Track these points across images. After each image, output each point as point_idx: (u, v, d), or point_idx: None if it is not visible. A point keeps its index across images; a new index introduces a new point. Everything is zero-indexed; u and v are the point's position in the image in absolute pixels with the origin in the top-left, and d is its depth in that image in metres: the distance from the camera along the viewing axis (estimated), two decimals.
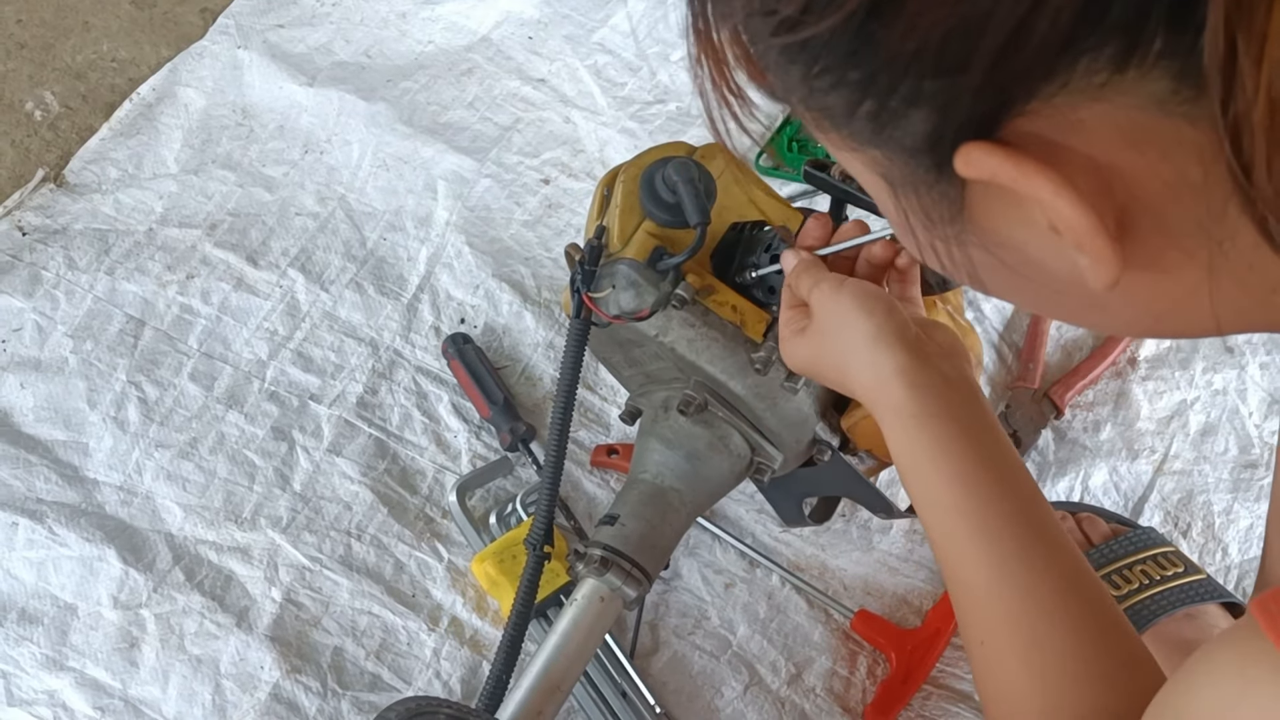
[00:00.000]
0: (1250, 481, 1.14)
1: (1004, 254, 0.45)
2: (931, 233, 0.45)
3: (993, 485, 0.70)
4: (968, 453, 0.70)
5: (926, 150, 0.40)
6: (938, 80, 0.37)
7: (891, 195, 0.45)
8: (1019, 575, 0.67)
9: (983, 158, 0.38)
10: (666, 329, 0.91)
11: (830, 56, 0.39)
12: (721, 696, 1.04)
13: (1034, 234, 0.42)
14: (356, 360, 1.22)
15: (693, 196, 0.88)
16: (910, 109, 0.39)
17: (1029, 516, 0.69)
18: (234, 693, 1.02)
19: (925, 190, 0.43)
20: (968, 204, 0.43)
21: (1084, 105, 0.36)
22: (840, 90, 0.40)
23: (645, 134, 1.40)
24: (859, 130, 0.42)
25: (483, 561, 1.06)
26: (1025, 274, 0.45)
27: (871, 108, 0.40)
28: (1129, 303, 0.45)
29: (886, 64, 0.38)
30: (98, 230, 1.31)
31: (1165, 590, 1.00)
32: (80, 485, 1.13)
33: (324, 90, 1.43)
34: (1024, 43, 0.35)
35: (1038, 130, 0.38)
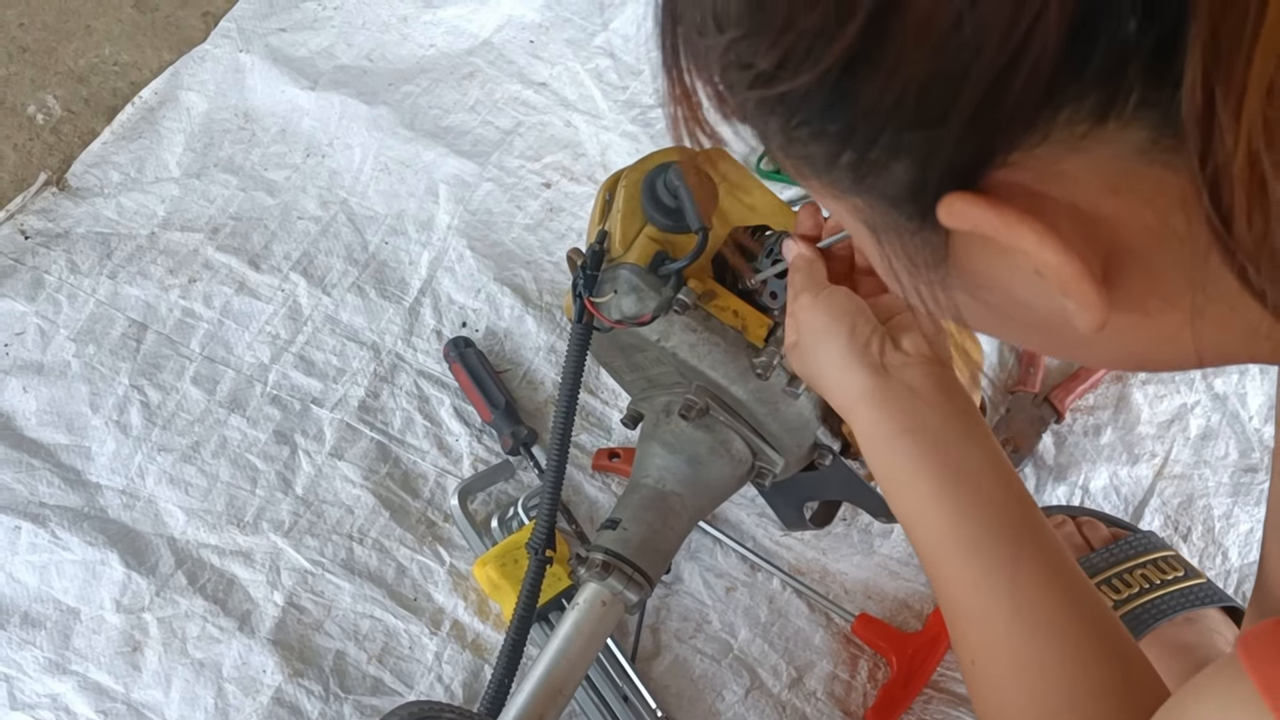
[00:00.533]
0: (1250, 486, 1.14)
1: (989, 296, 0.45)
2: (915, 277, 0.45)
3: (972, 499, 0.69)
4: (942, 468, 0.70)
5: (908, 199, 0.40)
6: (917, 132, 0.37)
7: (875, 241, 0.45)
8: (1006, 592, 0.66)
9: (965, 209, 0.38)
10: (668, 334, 0.91)
11: (808, 109, 0.39)
12: (723, 700, 1.04)
13: (1019, 278, 0.42)
14: (358, 364, 1.22)
15: (694, 201, 0.89)
16: (891, 160, 0.39)
17: (1013, 529, 0.68)
18: (236, 696, 1.02)
19: (908, 237, 0.43)
20: (952, 249, 0.42)
21: (1066, 156, 0.36)
22: (819, 141, 0.40)
23: (647, 138, 1.40)
24: (840, 179, 0.42)
25: (484, 565, 1.06)
26: (1010, 314, 0.46)
27: (851, 159, 0.40)
28: (1115, 343, 0.45)
29: (865, 117, 0.38)
30: (100, 234, 1.31)
31: (1165, 594, 1.00)
32: (83, 489, 1.13)
33: (326, 94, 1.43)
34: (1003, 95, 0.35)
35: (1020, 180, 0.38)
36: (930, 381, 0.73)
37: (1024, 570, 0.67)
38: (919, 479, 0.70)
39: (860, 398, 0.73)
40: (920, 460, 0.70)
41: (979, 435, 0.72)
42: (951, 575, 0.69)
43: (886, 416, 0.72)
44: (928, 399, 0.72)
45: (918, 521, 0.71)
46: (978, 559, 0.68)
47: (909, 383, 0.73)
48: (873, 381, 0.73)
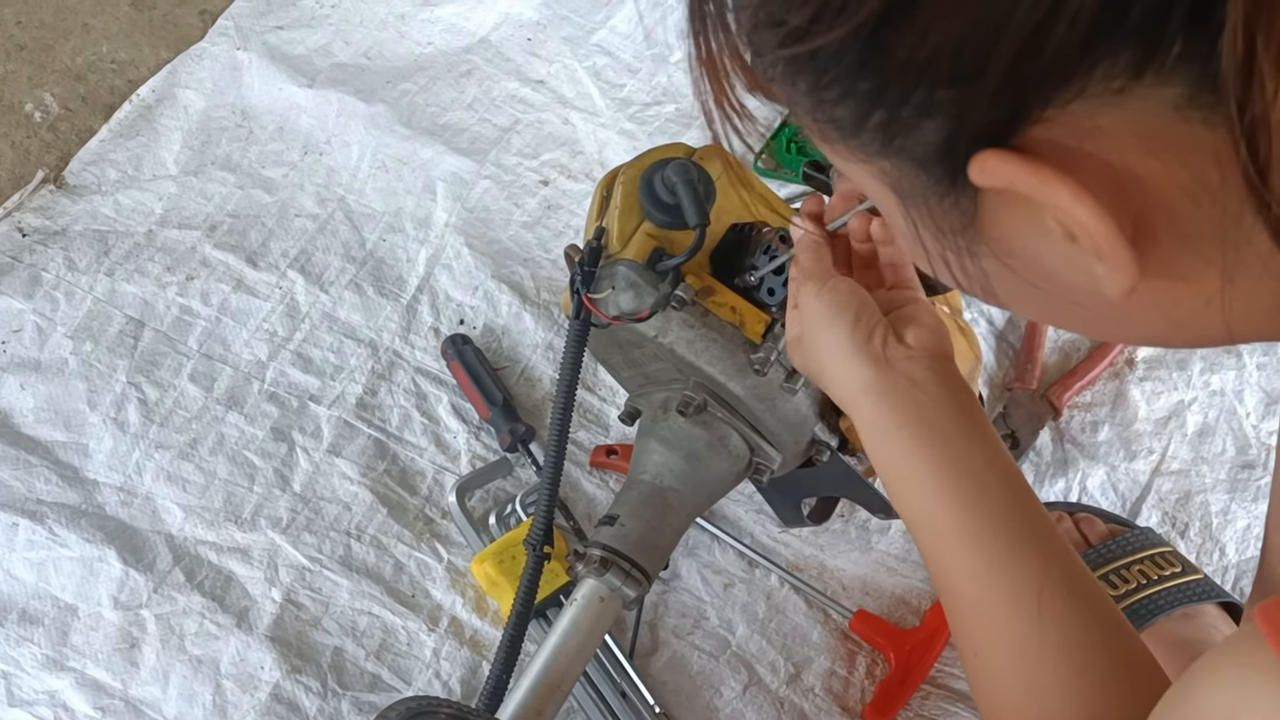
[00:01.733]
0: (1248, 482, 1.14)
1: (1017, 264, 0.44)
2: (942, 244, 0.44)
3: (974, 492, 0.69)
4: (945, 461, 0.70)
5: (939, 160, 0.40)
6: (952, 89, 0.37)
7: (900, 207, 0.44)
8: (1006, 584, 0.66)
9: (999, 166, 0.38)
10: (665, 330, 0.91)
11: (839, 67, 0.39)
12: (720, 696, 1.04)
13: (1049, 243, 0.41)
14: (356, 361, 1.22)
15: (692, 198, 0.89)
16: (922, 119, 0.38)
17: (1015, 521, 0.68)
18: (234, 693, 1.02)
19: (936, 201, 0.42)
20: (980, 214, 0.42)
21: (1101, 111, 0.36)
22: (849, 101, 0.40)
23: (644, 135, 1.40)
24: (868, 142, 0.41)
25: (482, 562, 1.06)
26: (1039, 284, 0.45)
27: (882, 118, 0.40)
28: (1145, 312, 0.44)
29: (898, 73, 0.37)
30: (97, 231, 1.31)
31: (1162, 590, 1.00)
32: (80, 486, 1.13)
33: (323, 92, 1.43)
34: (1040, 49, 0.34)
35: (1054, 137, 0.37)
36: (933, 375, 0.73)
37: (1025, 563, 0.66)
38: (921, 472, 0.70)
39: (862, 390, 0.73)
40: (922, 454, 0.70)
41: (981, 429, 0.72)
42: (953, 568, 0.69)
43: (889, 409, 0.72)
44: (930, 392, 0.72)
45: (919, 515, 0.71)
46: (980, 551, 0.67)
47: (911, 376, 0.72)
48: (875, 374, 0.73)
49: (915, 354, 0.74)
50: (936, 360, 0.74)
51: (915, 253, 0.47)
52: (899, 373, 0.72)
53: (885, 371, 0.73)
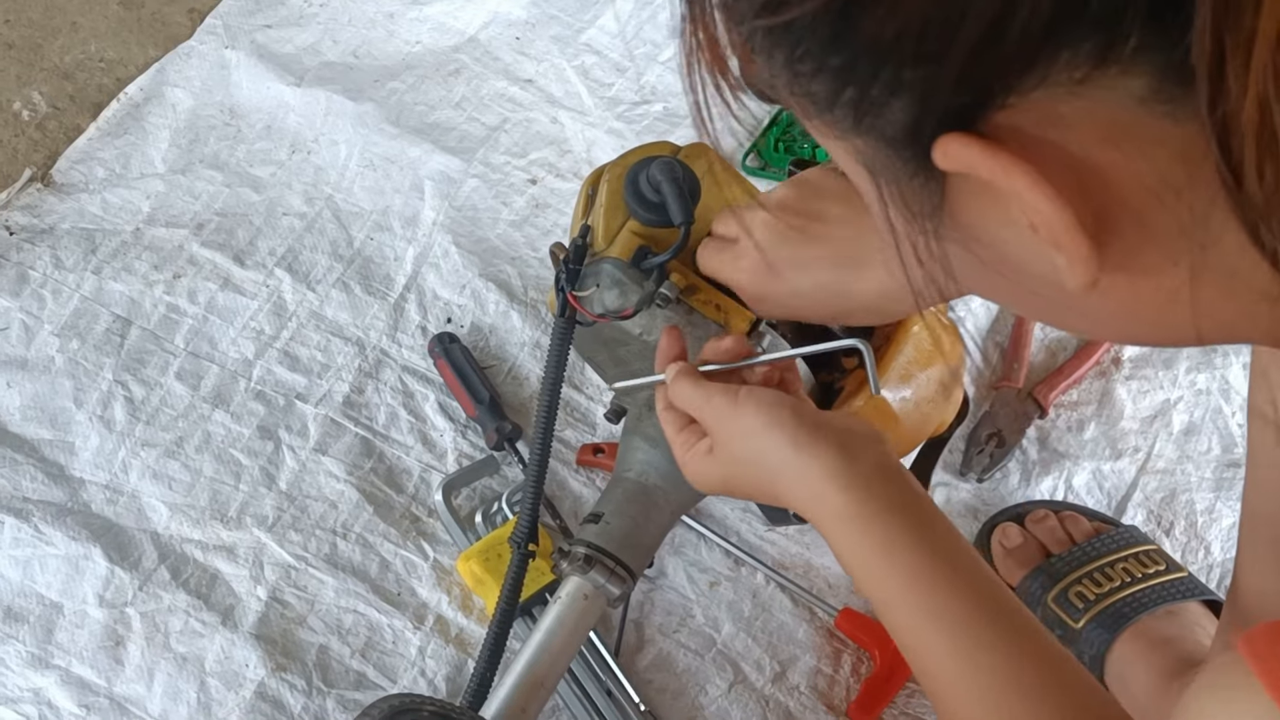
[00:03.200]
0: (1233, 481, 1.15)
1: (982, 251, 0.44)
2: (911, 225, 0.44)
3: (947, 573, 0.68)
4: (918, 545, 0.69)
5: (907, 141, 0.40)
6: (917, 69, 0.37)
7: (873, 185, 0.44)
8: (988, 659, 0.65)
9: (960, 150, 0.38)
10: (651, 328, 0.91)
11: (812, 41, 0.39)
12: (706, 694, 1.04)
13: (1013, 232, 0.41)
14: (343, 359, 1.22)
15: (677, 196, 0.89)
16: (891, 98, 0.39)
17: (987, 597, 0.68)
18: (219, 691, 1.02)
19: (906, 181, 0.42)
20: (948, 198, 0.42)
21: (1064, 100, 0.36)
22: (822, 77, 0.40)
23: (632, 134, 1.40)
24: (841, 118, 0.41)
25: (468, 560, 1.06)
26: (1002, 273, 0.45)
27: (853, 95, 0.40)
28: (1107, 306, 0.44)
29: (867, 50, 0.37)
30: (85, 230, 1.31)
31: (1146, 588, 1.00)
32: (66, 484, 1.13)
33: (311, 90, 1.43)
34: (1003, 34, 0.34)
35: (1017, 124, 0.37)
36: (890, 460, 0.72)
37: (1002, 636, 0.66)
38: (894, 557, 0.69)
39: (825, 479, 0.71)
40: (895, 538, 0.69)
41: (935, 511, 0.72)
42: (932, 648, 0.68)
43: (856, 497, 0.70)
44: (893, 476, 0.71)
45: (895, 600, 0.69)
46: (959, 630, 0.67)
47: (876, 462, 0.71)
48: (836, 460, 0.71)
49: (866, 440, 0.73)
50: (884, 444, 0.74)
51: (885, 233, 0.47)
52: (860, 459, 0.71)
53: (848, 459, 0.71)
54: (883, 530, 0.69)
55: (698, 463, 0.80)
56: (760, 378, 0.82)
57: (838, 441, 0.72)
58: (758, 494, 0.78)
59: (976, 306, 1.25)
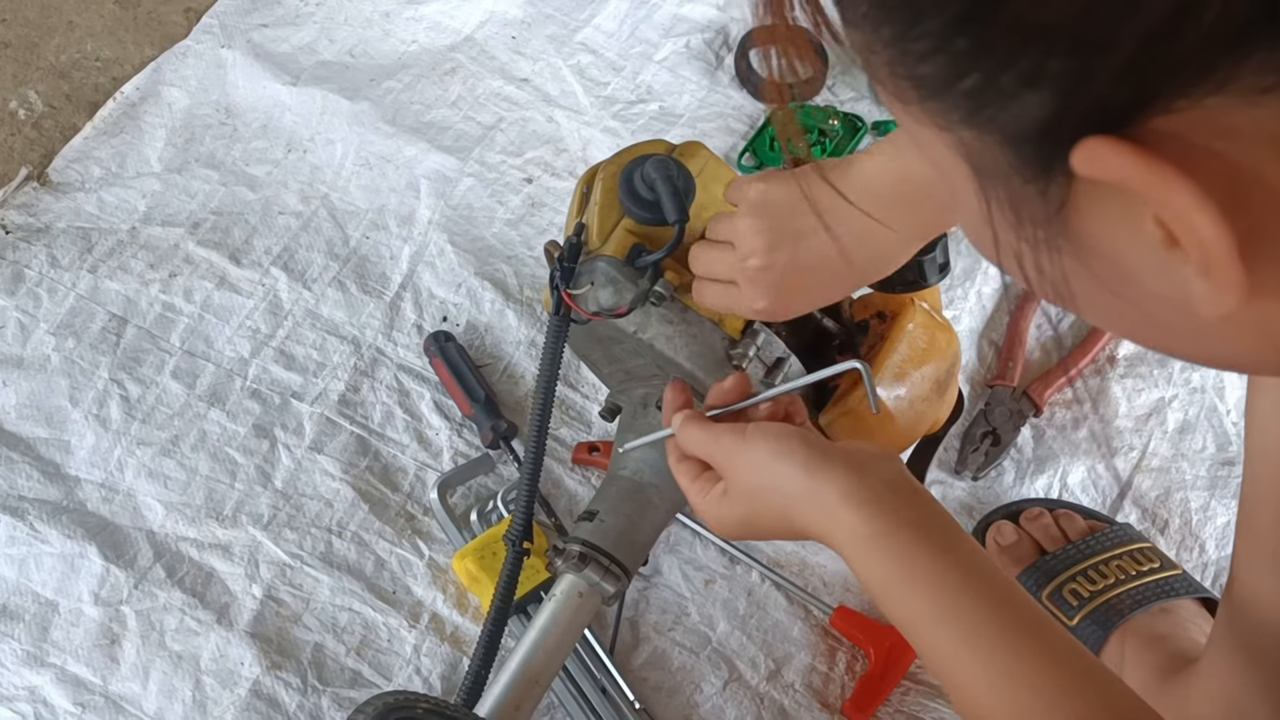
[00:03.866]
0: (1227, 479, 1.15)
1: (1096, 264, 0.39)
2: (1018, 233, 0.39)
3: (969, 585, 0.66)
4: (937, 559, 0.67)
5: (1035, 139, 0.35)
6: (1069, 59, 0.32)
7: (975, 185, 0.39)
8: (1019, 670, 0.63)
9: (1111, 157, 0.33)
10: (645, 325, 0.91)
11: (937, 18, 0.34)
12: (701, 692, 1.04)
13: (1140, 247, 0.36)
14: (339, 358, 1.22)
15: (671, 194, 0.89)
16: (1025, 90, 0.34)
17: (1011, 606, 0.66)
18: (214, 689, 1.02)
19: (1020, 184, 0.37)
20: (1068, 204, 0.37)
21: (1240, 110, 0.31)
22: (939, 58, 0.35)
23: (628, 133, 1.40)
24: (952, 107, 0.36)
25: (463, 558, 1.06)
26: (1116, 290, 0.40)
27: (976, 83, 0.35)
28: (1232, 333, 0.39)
29: (1008, 34, 0.33)
30: (81, 229, 1.31)
31: (1141, 585, 1.00)
32: (62, 482, 1.13)
33: (307, 89, 1.43)
34: (1185, 30, 0.29)
35: (1178, 131, 0.32)
36: (904, 476, 0.71)
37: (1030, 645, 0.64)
38: (914, 574, 0.67)
39: (840, 500, 0.69)
40: (914, 554, 0.67)
41: (951, 521, 0.70)
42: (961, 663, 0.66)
43: (871, 514, 0.68)
44: (907, 492, 0.70)
45: (918, 617, 0.68)
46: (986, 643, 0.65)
47: (886, 479, 0.70)
48: (850, 480, 0.69)
49: (877, 458, 0.71)
50: (896, 461, 0.72)
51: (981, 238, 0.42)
52: (873, 476, 0.70)
53: (861, 477, 0.69)
54: (899, 547, 0.68)
55: (715, 506, 0.78)
56: (765, 413, 0.81)
57: (849, 462, 0.70)
58: (776, 527, 0.76)
59: (971, 304, 1.25)
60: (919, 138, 0.41)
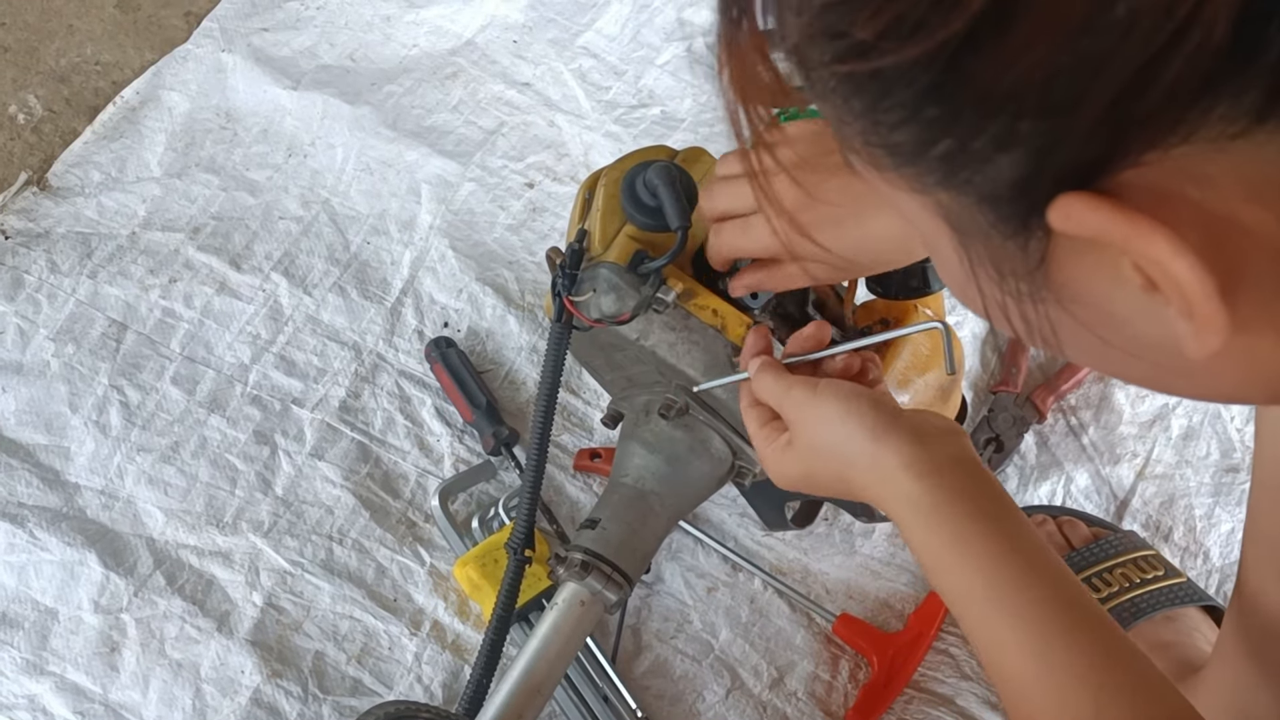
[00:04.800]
0: (1232, 486, 1.14)
1: (1081, 311, 0.40)
2: (1001, 288, 0.40)
3: (1021, 567, 0.65)
4: (990, 538, 0.66)
5: (1011, 198, 0.36)
6: (1038, 122, 0.33)
7: (955, 243, 0.40)
8: (1065, 658, 0.62)
9: (1086, 213, 0.34)
10: (647, 333, 0.91)
11: (906, 90, 0.35)
12: (703, 700, 1.04)
13: (1122, 292, 0.37)
14: (339, 364, 1.22)
15: (674, 200, 0.88)
16: (998, 152, 0.34)
17: (1063, 593, 0.65)
18: (214, 697, 1.02)
19: (1000, 240, 0.38)
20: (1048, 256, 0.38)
21: (1210, 157, 0.32)
22: (911, 127, 0.36)
23: (630, 138, 1.40)
24: (927, 171, 0.37)
25: (465, 566, 1.06)
26: (1101, 334, 0.41)
27: (949, 148, 0.35)
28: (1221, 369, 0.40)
29: (976, 101, 0.33)
30: (80, 234, 1.31)
31: (1145, 593, 1.00)
32: (61, 489, 1.12)
33: (308, 94, 1.43)
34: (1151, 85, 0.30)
35: (1149, 181, 0.33)
36: (969, 455, 0.70)
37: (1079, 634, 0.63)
38: (967, 549, 0.66)
39: (901, 469, 0.69)
40: (969, 530, 0.66)
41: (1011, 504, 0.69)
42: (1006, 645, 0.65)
43: (931, 487, 0.68)
44: (969, 471, 0.69)
45: (967, 593, 0.67)
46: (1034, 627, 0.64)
47: (951, 453, 0.69)
48: (913, 450, 0.69)
49: (944, 433, 0.71)
50: (964, 438, 0.72)
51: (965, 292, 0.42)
52: (937, 449, 0.69)
53: (925, 448, 0.69)
54: (955, 520, 0.67)
55: (778, 456, 0.78)
56: (841, 367, 0.80)
57: (914, 432, 0.70)
58: (835, 485, 0.75)
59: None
60: (896, 201, 0.41)
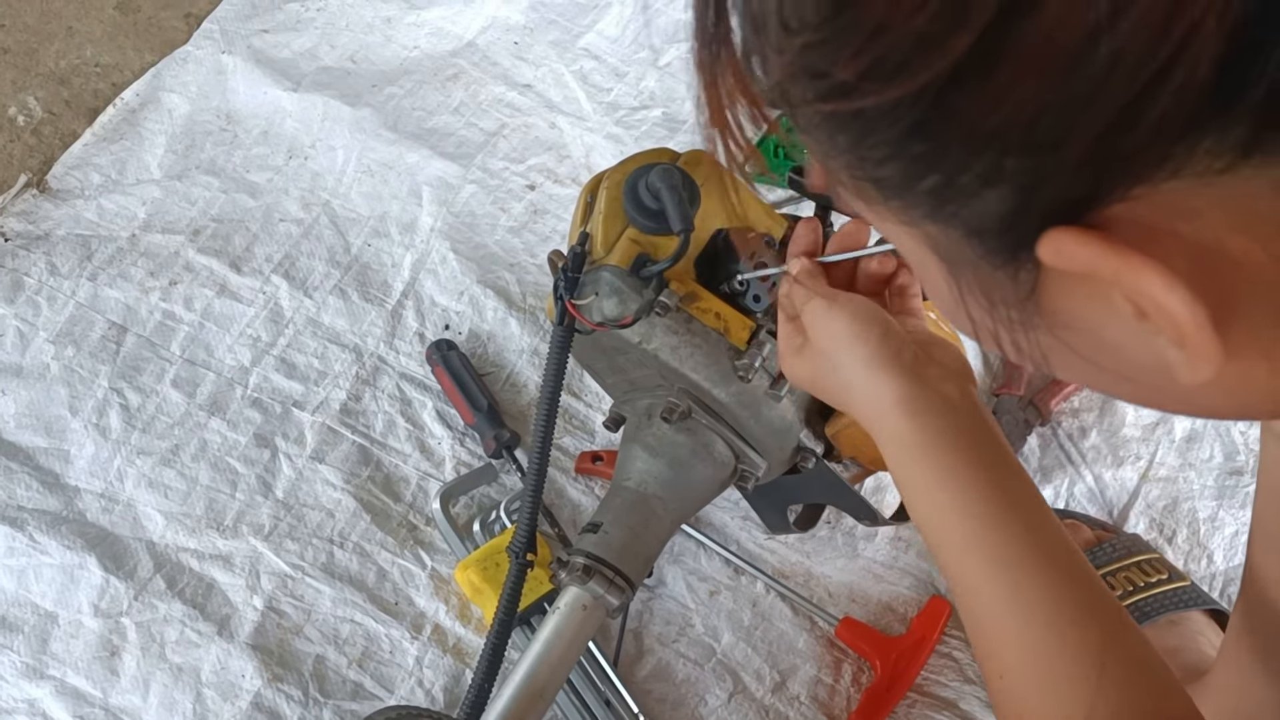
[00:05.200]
0: (1235, 489, 1.14)
1: (1073, 338, 0.40)
2: (993, 316, 0.40)
3: (1004, 513, 0.65)
4: (975, 481, 0.66)
5: (998, 232, 0.36)
6: (1023, 159, 0.33)
7: (945, 274, 0.40)
8: (1039, 607, 0.63)
9: (1075, 248, 0.34)
10: (650, 336, 0.91)
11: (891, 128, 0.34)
12: (706, 705, 1.04)
13: (1113, 320, 0.37)
14: (340, 367, 1.21)
15: (676, 203, 0.88)
16: (985, 188, 0.34)
17: (1044, 543, 0.65)
18: (215, 701, 1.01)
19: (989, 272, 0.38)
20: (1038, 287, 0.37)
21: (1198, 190, 0.32)
22: (896, 163, 0.36)
23: (631, 139, 1.40)
24: (913, 205, 0.37)
25: (466, 569, 1.05)
26: (1097, 360, 0.41)
27: (936, 183, 0.35)
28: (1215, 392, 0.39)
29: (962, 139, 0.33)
30: (80, 236, 1.30)
31: (1149, 597, 0.99)
32: (61, 492, 1.12)
33: (308, 95, 1.43)
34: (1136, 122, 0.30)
35: (1137, 215, 0.33)
36: (966, 397, 0.70)
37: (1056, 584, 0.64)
38: (950, 490, 0.67)
39: (894, 404, 0.69)
40: (953, 471, 0.67)
41: (1009, 452, 0.69)
42: (980, 589, 0.65)
43: (921, 425, 0.68)
44: (966, 412, 0.69)
45: (946, 535, 0.67)
46: (1010, 574, 0.64)
47: (946, 394, 0.69)
48: (910, 389, 0.69)
49: (948, 375, 0.71)
50: (968, 382, 0.72)
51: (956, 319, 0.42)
52: (934, 390, 0.69)
53: (921, 387, 0.69)
54: (941, 460, 0.67)
55: (792, 356, 0.79)
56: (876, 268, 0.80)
57: (912, 368, 0.70)
58: (836, 399, 0.76)
59: None
60: (885, 231, 0.41)
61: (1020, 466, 0.69)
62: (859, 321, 0.73)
